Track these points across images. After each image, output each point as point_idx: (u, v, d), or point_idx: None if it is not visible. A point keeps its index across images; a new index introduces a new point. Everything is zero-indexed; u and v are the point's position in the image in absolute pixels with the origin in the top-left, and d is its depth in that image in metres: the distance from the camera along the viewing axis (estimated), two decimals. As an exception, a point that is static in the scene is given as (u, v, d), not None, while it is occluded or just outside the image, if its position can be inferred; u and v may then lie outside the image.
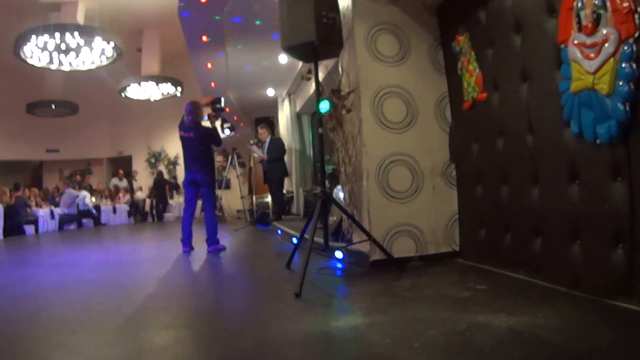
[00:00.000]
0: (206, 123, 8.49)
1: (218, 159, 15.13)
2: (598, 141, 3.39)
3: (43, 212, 16.89)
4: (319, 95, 5.42)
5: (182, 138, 8.19)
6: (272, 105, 17.64)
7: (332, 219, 6.46)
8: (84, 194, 18.58)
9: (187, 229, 8.13)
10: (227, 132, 17.02)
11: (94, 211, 18.86)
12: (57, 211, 17.55)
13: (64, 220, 17.52)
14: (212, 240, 7.99)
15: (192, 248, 8.13)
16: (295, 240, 7.52)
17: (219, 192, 12.42)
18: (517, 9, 4.36)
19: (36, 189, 19.89)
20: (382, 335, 3.04)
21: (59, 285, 5.84)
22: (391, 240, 5.39)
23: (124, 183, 22.18)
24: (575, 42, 3.49)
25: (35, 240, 14.11)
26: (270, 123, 15.26)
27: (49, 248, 11.96)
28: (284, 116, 16.73)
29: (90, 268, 7.20)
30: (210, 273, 6.53)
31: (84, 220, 18.45)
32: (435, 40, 5.85)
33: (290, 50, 5.27)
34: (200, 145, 8.12)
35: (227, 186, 17.48)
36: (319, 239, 5.33)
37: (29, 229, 15.86)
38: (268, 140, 13.27)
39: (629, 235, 3.22)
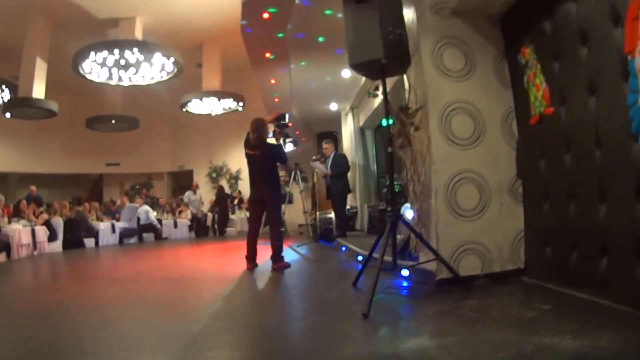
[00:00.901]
0: (271, 140, 8.63)
1: (280, 174, 15.24)
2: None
3: (104, 225, 17.38)
4: (388, 113, 5.50)
5: (247, 156, 8.36)
6: (335, 120, 17.78)
7: (399, 236, 6.52)
8: (146, 208, 18.94)
9: (252, 246, 8.28)
10: (290, 147, 17.19)
11: (159, 226, 19.25)
12: (118, 225, 18.03)
13: (125, 234, 17.97)
14: (277, 258, 8.08)
15: (256, 265, 8.27)
16: (360, 258, 7.63)
17: (282, 207, 12.59)
18: (582, 19, 4.36)
19: (96, 202, 20.40)
20: (450, 358, 3.13)
21: (121, 300, 6.03)
22: (458, 259, 5.45)
23: (197, 196, 22.32)
24: None
25: (95, 253, 14.57)
26: (335, 138, 15.38)
27: (109, 262, 12.35)
28: (347, 131, 16.85)
29: (153, 284, 7.43)
30: (275, 291, 6.65)
31: (145, 235, 18.83)
32: (500, 53, 5.90)
33: (357, 67, 5.33)
34: (266, 162, 8.28)
35: (290, 201, 17.65)
36: (387, 258, 5.39)
37: (89, 242, 16.34)
38: (332, 155, 13.39)
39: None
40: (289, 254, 9.85)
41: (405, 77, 6.23)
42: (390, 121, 5.78)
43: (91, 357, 3.55)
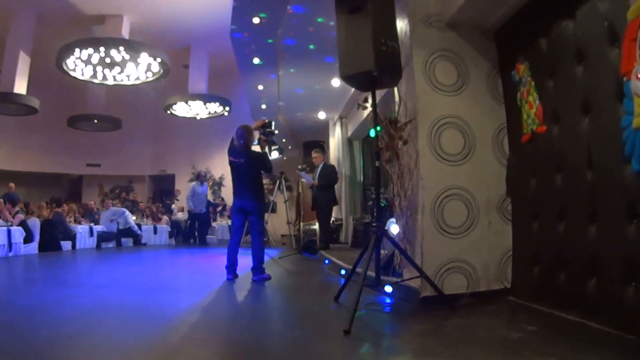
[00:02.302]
0: (256, 147, 8.60)
1: (265, 182, 15.10)
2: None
3: (82, 228, 17.29)
4: (376, 125, 5.50)
5: (231, 163, 8.33)
6: (323, 129, 17.77)
7: (384, 252, 6.50)
8: (126, 212, 18.85)
9: (233, 256, 8.24)
10: (275, 154, 17.14)
11: (140, 231, 19.18)
12: (97, 228, 17.94)
13: (103, 238, 17.88)
14: (258, 270, 8.06)
15: (236, 276, 8.24)
16: (344, 272, 7.61)
17: (265, 216, 12.50)
18: (579, 38, 4.40)
19: (75, 204, 20.25)
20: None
21: (99, 309, 5.95)
22: (443, 277, 5.44)
23: (204, 188, 19.88)
24: (639, 75, 3.50)
25: (72, 257, 14.42)
26: (323, 148, 15.36)
27: (87, 267, 12.23)
28: (335, 141, 16.83)
29: (131, 292, 7.34)
30: (255, 304, 6.60)
31: (123, 239, 18.76)
32: (494, 68, 5.92)
33: (348, 79, 5.32)
34: (250, 171, 8.25)
35: (274, 210, 17.60)
36: (370, 273, 5.37)
37: (66, 244, 16.22)
38: (321, 165, 13.37)
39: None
40: (271, 266, 9.82)
41: (395, 89, 6.23)
42: (378, 131, 5.79)
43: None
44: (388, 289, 5.82)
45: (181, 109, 20.08)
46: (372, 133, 5.61)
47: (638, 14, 3.51)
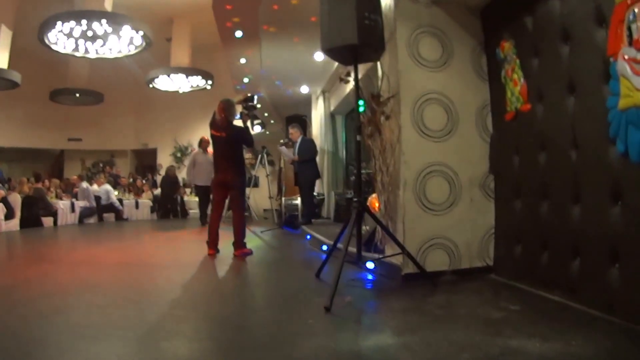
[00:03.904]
0: (238, 122, 8.53)
1: (247, 156, 14.87)
2: (644, 163, 3.37)
3: (63, 204, 17.10)
4: (358, 100, 5.46)
5: (212, 137, 8.30)
6: (305, 103, 17.64)
7: (366, 228, 6.47)
8: (107, 187, 18.70)
9: (214, 231, 8.23)
10: (257, 129, 17.00)
11: (121, 207, 19.08)
12: (78, 204, 17.78)
13: (85, 214, 17.72)
14: (239, 245, 8.03)
15: (217, 251, 8.22)
16: (325, 248, 7.58)
17: (247, 191, 12.34)
18: (565, 17, 4.33)
19: (57, 179, 20.05)
20: (413, 358, 3.10)
21: (77, 286, 5.88)
22: (425, 254, 5.42)
23: (208, 157, 14.16)
24: (626, 56, 3.46)
25: (53, 233, 14.34)
26: (303, 122, 15.19)
27: (67, 244, 12.14)
28: (318, 115, 16.70)
29: (110, 268, 7.31)
30: (235, 280, 6.60)
31: (105, 215, 18.62)
32: (479, 45, 5.85)
33: (330, 52, 5.31)
34: (231, 145, 8.21)
35: (256, 184, 17.52)
36: (352, 249, 5.34)
37: (47, 221, 16.03)
38: (299, 140, 13.26)
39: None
40: (252, 240, 9.78)
41: (378, 64, 6.17)
42: (363, 108, 5.76)
43: (40, 345, 3.44)
44: (370, 265, 5.80)
45: (163, 83, 19.96)
46: (362, 107, 5.59)
47: (626, -5, 3.47)
